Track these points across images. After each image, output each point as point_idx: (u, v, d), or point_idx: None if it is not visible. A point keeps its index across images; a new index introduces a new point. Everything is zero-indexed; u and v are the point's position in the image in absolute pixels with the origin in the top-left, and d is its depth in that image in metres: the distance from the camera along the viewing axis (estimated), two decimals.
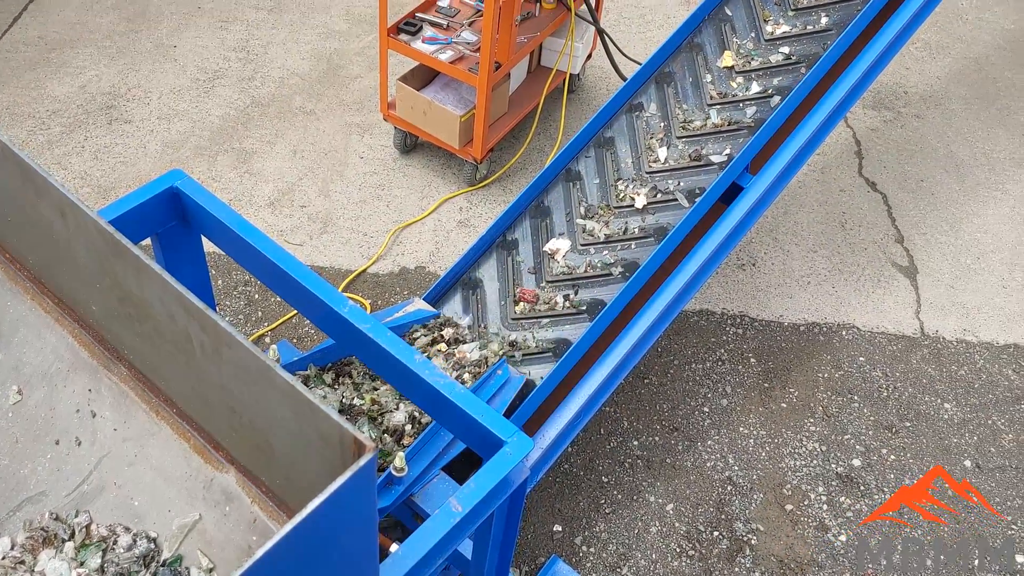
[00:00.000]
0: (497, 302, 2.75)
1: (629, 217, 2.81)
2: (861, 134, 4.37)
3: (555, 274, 2.73)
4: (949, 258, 3.84)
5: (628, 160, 2.92)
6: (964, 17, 5.22)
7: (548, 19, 3.87)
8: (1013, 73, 4.85)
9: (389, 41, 3.66)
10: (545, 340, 2.61)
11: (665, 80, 3.06)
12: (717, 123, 2.91)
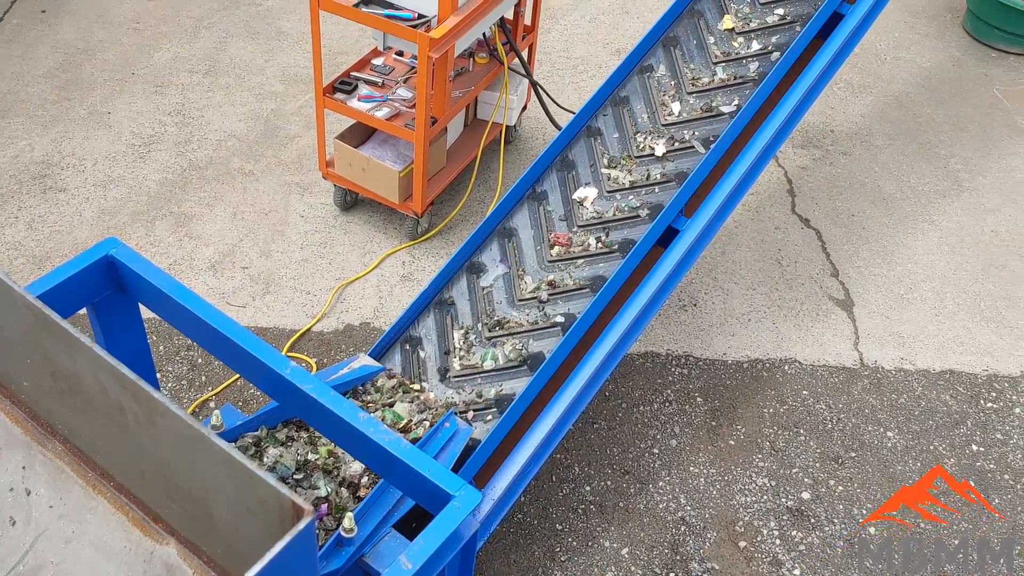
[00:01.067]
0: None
1: (650, 165, 3.01)
2: (792, 173, 4.49)
3: (586, 219, 2.91)
4: (883, 289, 3.94)
5: (644, 116, 3.13)
6: (882, 57, 5.43)
7: (482, 73, 3.94)
8: (932, 109, 5.04)
9: (325, 101, 3.69)
10: (582, 278, 2.80)
11: (671, 44, 3.27)
12: (724, 78, 3.13)
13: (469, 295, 2.86)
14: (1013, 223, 4.36)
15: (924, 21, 5.84)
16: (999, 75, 5.42)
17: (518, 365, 2.67)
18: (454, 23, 3.33)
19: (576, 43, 5.23)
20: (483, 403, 2.62)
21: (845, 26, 3.25)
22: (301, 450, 2.42)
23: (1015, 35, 5.56)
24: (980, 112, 5.08)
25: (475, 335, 2.76)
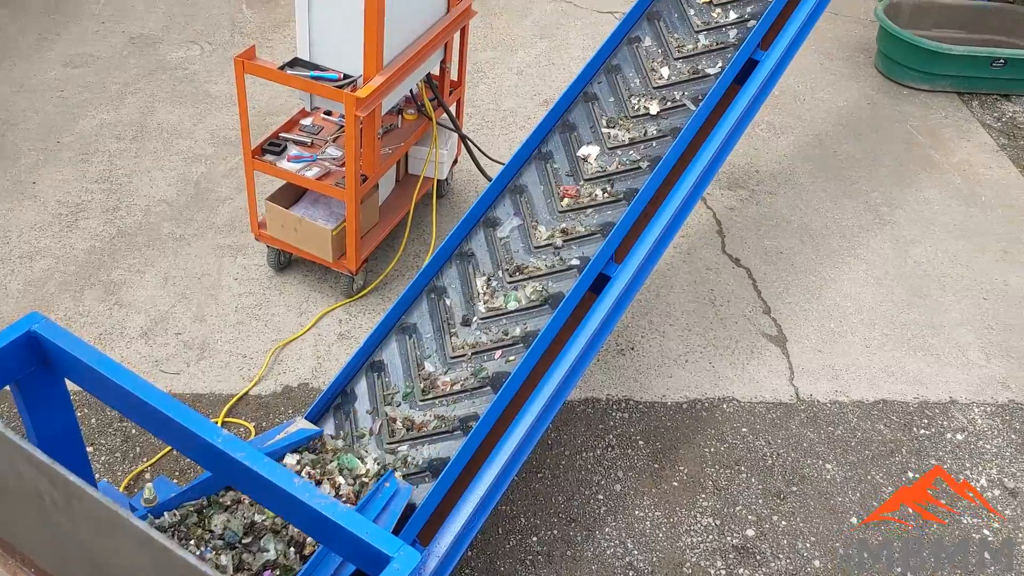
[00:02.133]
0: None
1: (647, 123, 3.22)
2: (721, 214, 4.59)
3: (591, 174, 3.13)
4: (814, 324, 4.03)
5: (636, 81, 3.35)
6: (801, 99, 5.61)
7: (411, 129, 3.97)
8: (850, 146, 5.21)
9: (254, 163, 3.69)
10: (592, 224, 3.00)
11: (655, 17, 3.50)
12: (707, 44, 3.38)
13: (488, 248, 3.04)
14: (933, 254, 4.51)
15: (838, 62, 6.06)
16: (911, 112, 5.64)
17: (540, 304, 2.84)
18: (380, 82, 3.36)
19: (504, 95, 5.32)
20: (510, 340, 2.79)
21: (760, 72, 3.36)
22: (247, 512, 2.38)
23: (924, 73, 5.80)
24: (896, 148, 5.27)
25: (496, 281, 2.96)
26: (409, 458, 2.63)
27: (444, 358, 2.84)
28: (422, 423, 2.70)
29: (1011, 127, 5.65)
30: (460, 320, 2.89)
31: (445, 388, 2.77)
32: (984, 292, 4.32)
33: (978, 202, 4.92)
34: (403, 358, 2.88)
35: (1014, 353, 4.00)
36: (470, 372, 2.78)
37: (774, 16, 3.41)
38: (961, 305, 4.23)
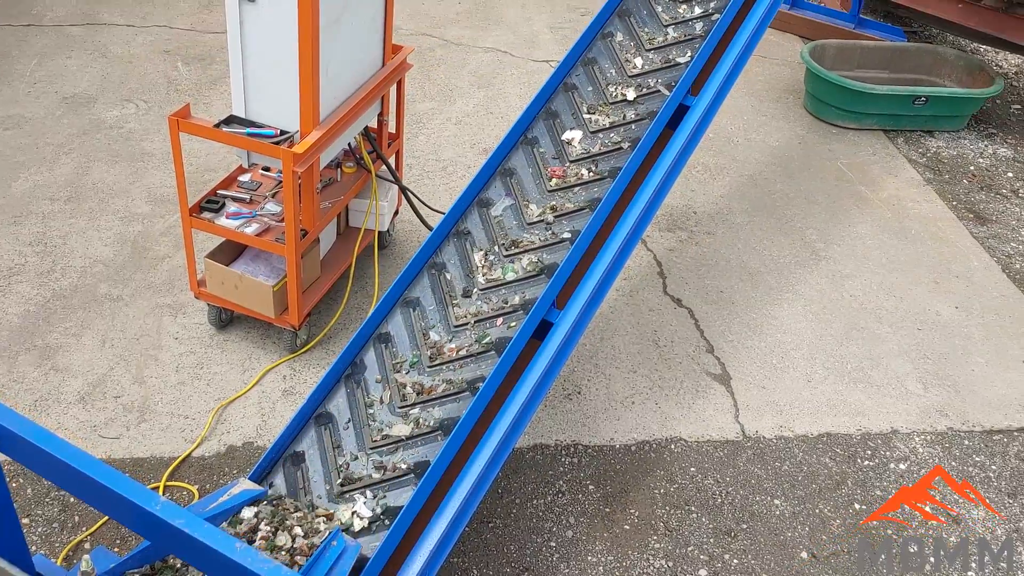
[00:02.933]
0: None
1: (625, 108, 3.42)
2: (661, 255, 4.66)
3: (576, 156, 3.31)
4: (757, 361, 4.09)
5: (612, 71, 3.54)
6: (734, 140, 5.74)
7: (351, 182, 3.98)
8: (784, 185, 5.34)
9: (192, 221, 3.66)
10: (580, 200, 3.18)
11: (627, 13, 3.70)
12: (676, 36, 3.59)
13: (484, 226, 3.19)
14: (868, 287, 4.62)
15: (769, 104, 6.23)
16: (841, 150, 5.80)
17: (537, 274, 3.01)
18: (317, 137, 3.37)
19: (444, 145, 5.36)
20: (510, 308, 2.94)
21: (691, 116, 3.44)
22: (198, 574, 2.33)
23: (851, 112, 5.99)
24: (828, 185, 5.41)
25: (494, 255, 3.12)
26: (421, 420, 2.75)
27: (448, 327, 2.98)
28: (431, 387, 2.83)
29: (935, 162, 5.85)
30: (461, 292, 3.06)
31: (451, 354, 2.89)
32: (918, 323, 4.43)
33: (908, 235, 5.06)
34: (408, 330, 2.99)
35: (949, 381, 4.10)
36: (474, 339, 2.91)
37: (702, 63, 3.50)
38: (897, 336, 4.33)
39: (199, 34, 6.38)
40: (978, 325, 4.47)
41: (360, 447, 2.74)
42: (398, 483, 2.64)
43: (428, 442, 2.72)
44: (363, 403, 2.85)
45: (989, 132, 6.32)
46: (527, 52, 6.55)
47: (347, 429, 2.80)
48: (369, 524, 2.56)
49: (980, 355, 4.28)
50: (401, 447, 2.72)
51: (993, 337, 4.40)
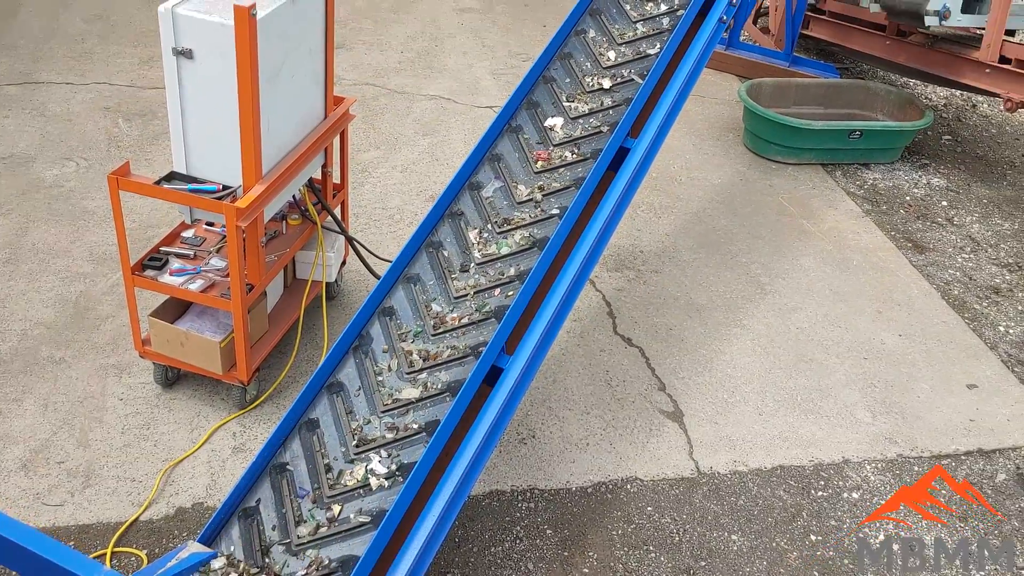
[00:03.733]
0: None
1: (602, 96, 3.64)
2: (610, 296, 4.69)
3: (559, 140, 3.51)
4: (708, 396, 4.12)
5: (588, 64, 3.78)
6: (678, 179, 5.84)
7: (296, 234, 3.96)
8: (728, 221, 5.43)
9: (135, 279, 3.61)
10: (566, 179, 3.38)
11: (598, 12, 3.95)
12: (644, 31, 3.83)
13: (476, 207, 3.37)
14: (814, 318, 4.69)
15: (710, 142, 6.35)
16: (781, 184, 5.93)
17: (530, 247, 3.19)
18: (260, 191, 3.36)
19: (390, 194, 5.37)
20: (506, 279, 3.13)
21: (632, 158, 3.49)
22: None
23: (789, 148, 6.13)
24: (770, 219, 5.51)
25: (488, 233, 3.29)
26: (429, 383, 2.91)
27: (449, 298, 3.14)
28: (436, 353, 2.99)
29: (873, 193, 6.00)
30: (459, 267, 3.22)
31: (454, 323, 3.06)
32: (864, 352, 4.50)
33: (850, 266, 5.17)
34: (411, 303, 3.15)
35: (897, 409, 4.17)
36: (474, 308, 3.08)
37: (640, 105, 3.56)
38: (844, 367, 4.40)
39: (139, 90, 6.34)
40: (921, 352, 4.56)
41: (372, 411, 2.89)
42: (411, 441, 2.79)
43: (437, 403, 2.87)
44: (372, 372, 2.99)
45: (922, 163, 6.50)
46: (470, 99, 6.61)
47: (358, 396, 2.93)
48: (384, 480, 2.70)
49: (925, 381, 4.37)
50: (411, 409, 2.87)
51: (936, 363, 4.49)
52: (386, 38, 7.49)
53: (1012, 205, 6.11)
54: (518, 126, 3.63)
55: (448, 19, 8.02)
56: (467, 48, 7.47)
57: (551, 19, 8.16)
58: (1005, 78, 5.77)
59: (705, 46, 3.85)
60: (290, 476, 2.79)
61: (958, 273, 5.26)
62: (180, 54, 3.24)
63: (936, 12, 5.75)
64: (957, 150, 6.82)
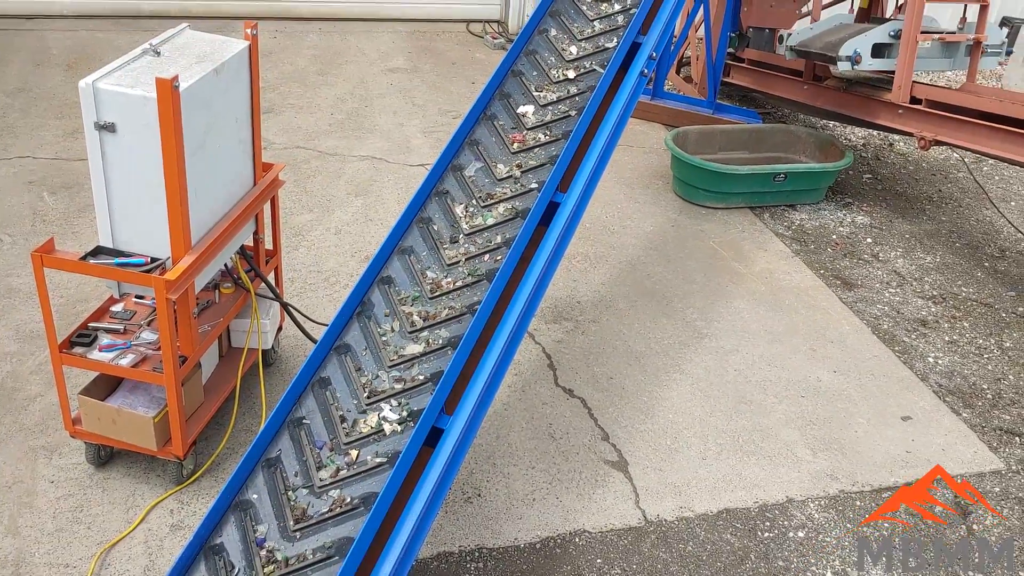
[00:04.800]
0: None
1: (567, 85, 3.95)
2: (550, 348, 4.71)
3: (531, 125, 3.81)
4: (651, 444, 4.14)
5: (552, 58, 4.09)
6: (611, 228, 5.92)
7: (230, 303, 3.91)
8: (662, 267, 5.52)
9: (63, 357, 3.52)
10: (542, 157, 3.67)
11: (557, 13, 4.27)
12: (601, 28, 4.16)
13: (460, 186, 3.63)
14: (751, 360, 4.77)
15: (640, 190, 6.47)
16: (712, 229, 6.05)
17: (514, 218, 3.47)
18: (190, 262, 3.31)
19: (325, 256, 5.34)
20: (494, 245, 3.39)
21: (562, 212, 3.54)
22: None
23: (718, 193, 6.27)
24: (703, 264, 5.61)
25: (473, 207, 3.56)
26: (430, 340, 3.14)
27: (442, 265, 3.38)
28: (435, 313, 3.23)
29: (800, 234, 6.15)
30: (449, 239, 3.46)
31: (448, 286, 3.30)
32: (801, 391, 4.58)
33: (783, 306, 5.27)
34: (408, 272, 3.38)
35: (835, 445, 4.24)
36: (467, 272, 3.33)
37: (567, 161, 3.62)
38: (783, 406, 4.46)
39: (65, 162, 6.25)
40: (856, 387, 4.65)
41: (380, 367, 3.11)
42: (418, 391, 3.02)
43: (440, 356, 3.10)
44: (376, 333, 3.20)
45: (846, 201, 6.70)
46: (402, 158, 6.65)
47: (365, 354, 3.15)
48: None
49: (861, 416, 4.45)
50: (417, 362, 3.10)
51: (871, 397, 4.58)
52: (315, 101, 7.51)
53: (933, 239, 6.32)
54: (493, 114, 3.90)
55: (376, 80, 8.08)
56: (397, 108, 7.52)
57: (479, 76, 8.28)
58: (917, 118, 6.00)
59: (627, 101, 3.93)
60: (307, 429, 2.99)
61: (886, 308, 5.40)
62: (103, 128, 3.20)
63: (848, 57, 5.98)
64: (878, 188, 7.05)
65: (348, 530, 2.70)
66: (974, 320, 5.37)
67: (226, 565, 2.69)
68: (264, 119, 6.84)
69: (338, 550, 2.66)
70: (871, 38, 6.04)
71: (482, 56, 8.91)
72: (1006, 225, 6.66)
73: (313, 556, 2.66)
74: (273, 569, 2.64)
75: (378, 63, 8.50)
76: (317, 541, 2.70)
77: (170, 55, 3.41)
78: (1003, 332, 5.29)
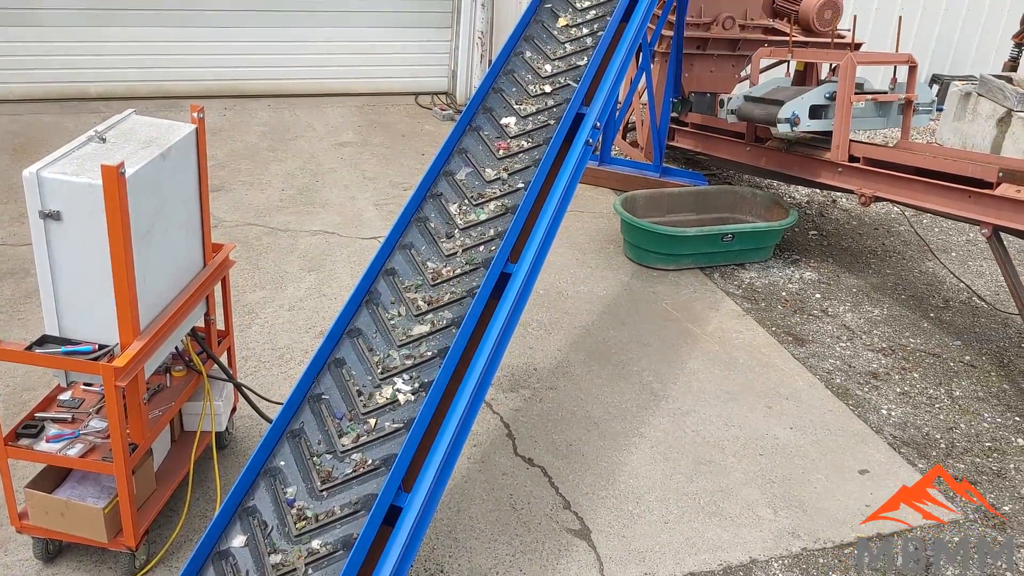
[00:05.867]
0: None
1: (545, 98, 4.36)
2: (508, 417, 4.70)
3: (514, 133, 4.19)
4: (613, 510, 4.12)
5: (529, 76, 4.51)
6: (565, 294, 5.97)
7: (181, 386, 3.86)
8: (616, 331, 5.56)
9: (8, 450, 3.43)
10: (527, 160, 4.06)
11: (531, 36, 4.72)
12: (572, 49, 4.60)
13: (452, 188, 3.99)
14: (707, 420, 4.79)
15: (592, 256, 6.54)
16: (664, 291, 6.12)
17: (504, 213, 3.82)
18: (139, 348, 3.27)
19: (279, 333, 5.30)
20: (488, 237, 3.73)
21: (514, 282, 3.57)
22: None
23: (668, 255, 6.36)
24: (657, 326, 5.66)
25: (466, 205, 3.91)
26: (435, 321, 3.47)
27: (442, 257, 3.72)
28: (438, 298, 3.56)
29: (750, 292, 6.25)
30: (445, 235, 3.81)
31: (449, 274, 3.64)
32: (759, 449, 4.61)
33: (737, 365, 5.33)
34: (410, 264, 3.70)
35: (796, 502, 4.25)
36: (464, 261, 3.67)
37: (517, 231, 3.67)
38: (742, 465, 4.48)
39: (11, 247, 6.16)
40: (813, 443, 4.69)
41: (391, 346, 3.42)
42: (428, 365, 3.33)
43: (446, 335, 3.39)
44: (385, 318, 3.51)
45: (793, 258, 6.83)
46: (355, 231, 6.66)
47: (376, 336, 3.46)
48: (411, 395, 3.23)
49: (819, 471, 4.48)
50: (424, 341, 3.41)
51: (828, 453, 4.62)
52: (266, 177, 7.53)
53: (879, 292, 6.46)
54: (479, 125, 4.29)
55: (327, 154, 8.13)
56: (348, 181, 7.57)
57: (429, 148, 8.38)
58: (856, 175, 6.17)
59: (574, 171, 4.01)
60: (327, 404, 3.26)
61: (838, 362, 5.48)
62: (48, 216, 3.18)
63: (787, 119, 6.16)
64: (824, 244, 7.21)
65: (372, 488, 2.96)
66: (923, 370, 5.47)
67: (260, 524, 2.95)
68: (215, 197, 6.84)
69: (363, 504, 2.91)
70: (808, 100, 6.24)
71: (431, 128, 9.03)
72: (948, 275, 6.84)
73: (341, 511, 2.93)
74: (304, 524, 2.90)
75: (328, 137, 8.57)
76: (344, 498, 2.96)
77: (116, 141, 3.41)
78: (952, 381, 5.39)
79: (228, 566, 2.84)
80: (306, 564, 2.80)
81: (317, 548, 2.84)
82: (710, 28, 7.72)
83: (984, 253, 7.19)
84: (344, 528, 2.87)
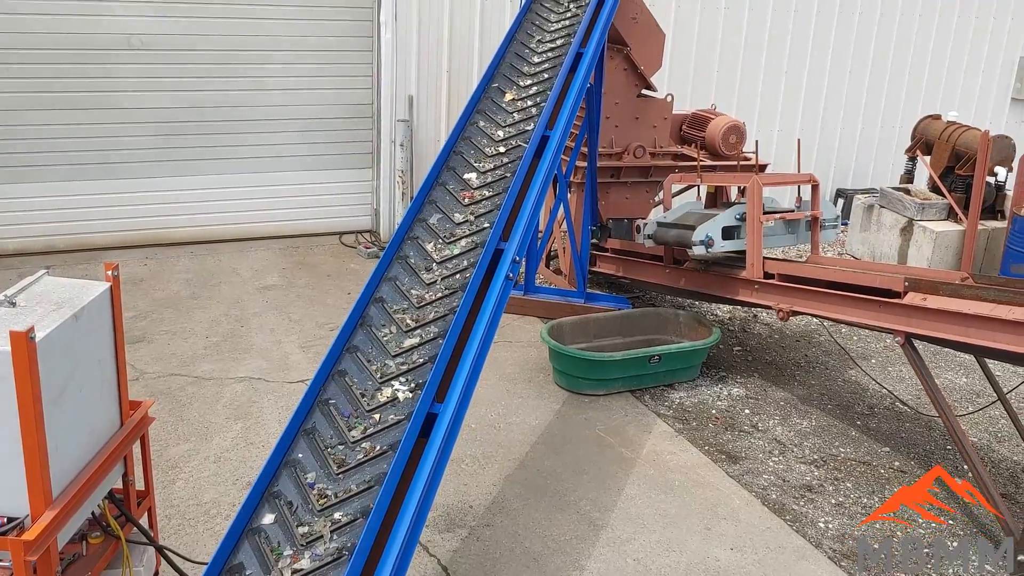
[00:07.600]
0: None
1: (500, 157, 5.08)
2: (446, 559, 4.57)
3: (476, 185, 4.88)
4: None
5: (484, 140, 5.24)
6: (497, 426, 5.93)
7: (99, 553, 3.67)
8: (551, 461, 5.52)
9: None
10: (491, 205, 4.70)
11: (481, 111, 5.50)
12: (518, 118, 5.38)
13: (426, 231, 4.60)
14: (647, 547, 4.73)
15: (522, 385, 6.55)
16: (596, 416, 6.13)
17: (473, 248, 4.41)
18: (51, 518, 3.12)
19: (204, 487, 5.13)
20: (463, 267, 4.31)
21: (441, 423, 3.54)
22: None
23: (597, 380, 6.41)
24: (591, 453, 5.64)
25: (442, 242, 4.49)
26: (423, 334, 3.95)
27: (424, 285, 4.25)
28: (424, 317, 4.06)
29: (681, 412, 6.30)
30: (424, 268, 4.34)
31: (431, 298, 4.16)
32: (701, 572, 4.55)
33: (673, 487, 5.31)
34: (397, 291, 4.24)
35: None
36: (444, 287, 4.21)
37: (441, 371, 3.66)
38: None
39: None
40: (754, 562, 4.66)
41: (387, 357, 3.87)
42: (421, 370, 3.76)
43: (435, 346, 3.86)
44: (378, 336, 3.98)
45: (720, 375, 6.94)
46: (282, 375, 6.57)
47: (372, 350, 3.90)
48: (409, 392, 3.67)
49: None
50: (415, 351, 3.88)
51: (770, 572, 4.59)
52: (189, 325, 7.42)
53: (806, 403, 6.57)
54: (444, 180, 4.95)
55: (251, 298, 8.08)
56: (273, 325, 7.50)
57: (354, 287, 8.39)
58: (772, 292, 6.36)
59: (496, 306, 4.06)
60: (334, 407, 3.68)
61: (772, 477, 5.51)
62: None
63: (701, 242, 6.36)
64: (749, 359, 7.35)
65: (382, 467, 3.35)
66: (856, 480, 5.52)
67: (285, 503, 3.30)
68: (136, 348, 6.71)
69: (377, 480, 3.31)
70: (720, 222, 6.47)
71: (356, 266, 9.07)
72: (871, 383, 7.00)
73: (357, 488, 3.31)
74: (325, 501, 3.27)
75: (252, 281, 8.53)
76: (359, 478, 3.36)
77: (27, 304, 3.35)
78: (885, 488, 5.44)
79: (261, 539, 3.21)
80: (331, 532, 3.18)
81: (339, 518, 3.24)
82: (622, 157, 8.02)
83: (902, 359, 7.39)
84: (362, 500, 3.29)
